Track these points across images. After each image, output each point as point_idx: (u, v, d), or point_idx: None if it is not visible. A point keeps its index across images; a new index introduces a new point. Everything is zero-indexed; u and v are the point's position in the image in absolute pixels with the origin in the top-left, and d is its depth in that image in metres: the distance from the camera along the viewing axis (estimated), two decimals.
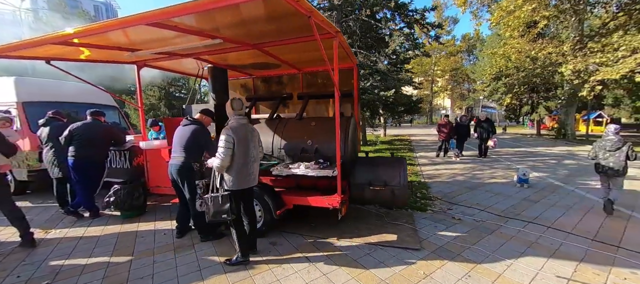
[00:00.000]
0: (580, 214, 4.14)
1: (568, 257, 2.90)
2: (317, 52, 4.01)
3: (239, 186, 2.65)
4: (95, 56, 3.71)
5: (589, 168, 7.75)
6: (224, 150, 2.50)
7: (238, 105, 2.72)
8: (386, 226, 3.71)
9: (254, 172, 2.77)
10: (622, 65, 11.98)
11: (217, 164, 2.52)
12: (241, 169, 2.62)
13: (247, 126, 2.72)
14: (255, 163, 2.77)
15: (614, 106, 23.45)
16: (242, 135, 2.62)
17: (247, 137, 2.67)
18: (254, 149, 2.74)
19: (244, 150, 2.63)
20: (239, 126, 2.64)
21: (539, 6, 13.95)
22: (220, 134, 2.55)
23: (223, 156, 2.50)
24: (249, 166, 2.68)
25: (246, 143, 2.65)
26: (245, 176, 2.67)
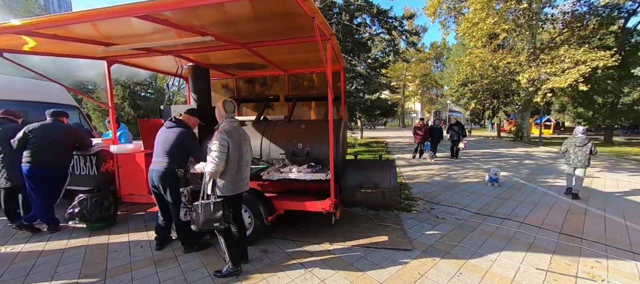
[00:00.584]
0: (546, 210, 4.55)
1: (542, 250, 3.16)
2: (305, 54, 3.98)
3: (233, 191, 2.53)
4: (59, 50, 3.30)
5: (545, 167, 8.59)
6: (218, 154, 2.35)
7: (230, 107, 2.58)
8: (376, 228, 3.76)
9: (247, 177, 2.67)
10: (568, 76, 13.51)
11: (211, 169, 2.37)
12: (235, 174, 2.50)
13: (240, 129, 2.61)
14: (247, 167, 2.67)
15: (559, 112, 26.37)
16: (237, 139, 2.50)
17: (241, 140, 2.55)
18: (247, 153, 2.64)
19: (239, 154, 2.51)
20: (233, 129, 2.51)
21: (500, 20, 15.25)
22: (214, 138, 2.40)
23: (218, 161, 2.35)
24: (242, 170, 2.58)
25: (240, 147, 2.53)
26: (239, 181, 2.56)
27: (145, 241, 3.42)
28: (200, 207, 2.42)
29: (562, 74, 13.96)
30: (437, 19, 18.55)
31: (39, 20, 2.03)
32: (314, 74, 5.07)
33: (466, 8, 17.72)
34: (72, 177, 3.94)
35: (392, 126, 45.73)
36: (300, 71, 5.02)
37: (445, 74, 33.53)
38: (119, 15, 1.84)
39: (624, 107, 20.86)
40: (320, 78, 5.09)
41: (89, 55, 3.56)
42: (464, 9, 18.04)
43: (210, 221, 2.42)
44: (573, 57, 13.81)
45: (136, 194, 3.78)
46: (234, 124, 2.55)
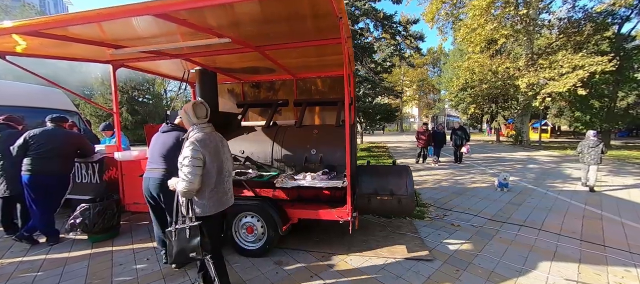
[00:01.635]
0: (561, 216, 4.46)
1: (567, 259, 3.05)
2: (316, 57, 3.89)
3: (217, 208, 2.13)
4: (65, 53, 3.16)
5: (551, 172, 8.55)
6: (191, 170, 1.93)
7: (202, 112, 2.15)
8: (392, 236, 3.63)
9: (230, 189, 2.28)
10: (567, 80, 13.63)
11: (183, 189, 1.95)
12: (216, 188, 2.09)
13: (215, 135, 2.19)
14: (230, 177, 2.29)
15: (557, 116, 26.62)
16: (213, 147, 2.08)
17: (218, 148, 2.14)
18: (227, 161, 2.25)
19: (218, 165, 2.10)
20: (206, 137, 2.08)
21: (498, 25, 15.43)
22: (184, 150, 2.00)
23: (191, 178, 1.93)
24: (224, 182, 2.17)
25: (219, 156, 2.12)
26: (223, 195, 2.16)
27: (151, 253, 3.24)
28: (174, 233, 2.00)
29: (561, 78, 14.11)
30: (435, 24, 18.78)
31: (49, 19, 1.90)
32: (321, 79, 4.98)
33: (464, 14, 17.98)
34: (74, 185, 3.77)
35: (390, 131, 45.78)
36: (308, 75, 4.93)
37: (443, 79, 33.80)
38: (138, 14, 1.72)
39: (620, 111, 21.12)
40: (326, 83, 5.00)
41: (95, 58, 3.43)
42: (462, 15, 18.31)
43: (186, 251, 1.99)
44: (571, 62, 13.97)
45: (141, 203, 3.61)
46: (207, 130, 2.15)
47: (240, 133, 3.80)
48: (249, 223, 3.12)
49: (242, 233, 3.17)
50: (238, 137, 3.75)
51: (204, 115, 2.17)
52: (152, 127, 3.67)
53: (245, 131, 3.83)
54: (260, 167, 3.58)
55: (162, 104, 26.10)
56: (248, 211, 3.12)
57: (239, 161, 3.58)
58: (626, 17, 18.22)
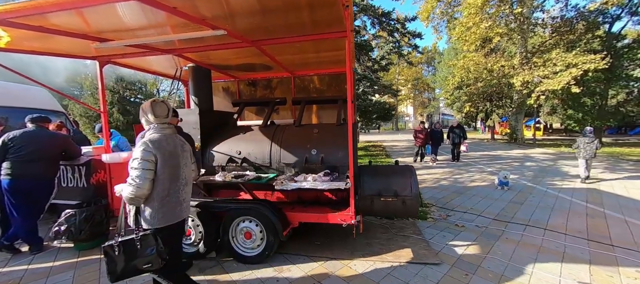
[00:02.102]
0: (564, 214, 4.39)
1: (577, 260, 2.96)
2: (315, 53, 3.74)
3: (168, 220, 1.88)
4: (45, 47, 2.94)
5: (548, 169, 8.56)
6: (140, 173, 1.74)
7: (162, 110, 1.95)
8: (395, 239, 3.50)
9: (186, 200, 2.05)
10: (560, 78, 13.74)
11: (129, 194, 1.73)
12: (167, 197, 1.86)
13: (174, 138, 1.99)
14: (187, 186, 2.06)
15: (549, 114, 26.97)
16: (169, 150, 1.88)
17: (175, 152, 1.93)
18: (186, 167, 2.03)
19: (172, 171, 1.89)
20: (163, 138, 1.89)
21: (493, 24, 15.49)
22: (135, 150, 1.83)
23: (139, 182, 1.73)
24: (180, 191, 1.95)
25: (175, 161, 1.92)
26: (176, 206, 1.93)
27: None
28: (117, 248, 1.74)
29: (555, 76, 14.23)
30: (430, 23, 18.78)
31: (20, 5, 1.71)
32: (319, 76, 4.83)
33: (459, 13, 18.02)
34: (59, 190, 3.54)
35: (385, 130, 45.84)
36: (306, 72, 4.77)
37: (437, 78, 33.96)
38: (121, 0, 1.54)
39: (611, 109, 21.49)
40: (324, 81, 4.86)
41: (80, 54, 3.21)
42: (457, 14, 18.35)
43: (136, 264, 1.76)
44: (565, 60, 14.11)
45: None
46: (167, 131, 1.95)
47: (237, 133, 3.63)
48: (246, 227, 2.96)
49: (239, 239, 3.00)
50: (234, 137, 3.57)
51: (165, 115, 1.96)
52: (142, 127, 3.46)
53: (242, 131, 3.65)
54: (258, 168, 3.41)
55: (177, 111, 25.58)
56: (246, 215, 2.95)
57: (235, 162, 3.40)
58: (617, 16, 18.52)
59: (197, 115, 3.42)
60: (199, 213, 3.01)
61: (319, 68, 4.54)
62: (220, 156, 3.45)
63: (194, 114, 3.43)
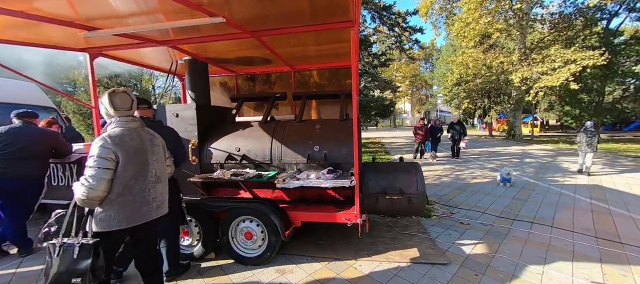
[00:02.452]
0: (570, 211, 4.33)
1: (588, 258, 2.89)
2: (317, 46, 3.59)
3: (129, 222, 1.70)
4: (29, 37, 2.76)
5: (548, 166, 8.54)
6: (95, 173, 1.57)
7: (124, 102, 1.76)
8: (400, 238, 3.40)
9: (157, 199, 1.85)
10: (559, 74, 13.73)
11: (81, 196, 1.57)
12: (129, 197, 1.69)
13: (141, 132, 1.81)
14: (159, 184, 1.87)
15: (546, 110, 27.08)
16: (134, 146, 1.72)
17: (143, 148, 1.77)
18: (158, 163, 1.87)
19: (139, 169, 1.73)
20: (126, 133, 1.71)
21: (492, 20, 15.40)
22: (92, 146, 1.65)
23: (92, 183, 1.55)
24: (147, 191, 1.78)
25: (142, 158, 1.75)
26: (140, 206, 1.75)
27: None
28: (56, 249, 1.58)
29: (553, 72, 14.22)
30: (429, 19, 18.65)
31: None
32: (320, 71, 4.68)
33: (458, 8, 17.90)
34: (49, 189, 3.38)
35: (383, 127, 45.83)
36: (306, 66, 4.62)
37: (435, 75, 33.90)
38: None
39: (607, 105, 21.61)
40: (324, 76, 4.71)
41: (69, 46, 3.03)
42: (456, 10, 18.23)
43: (67, 275, 1.56)
44: (564, 57, 14.08)
45: None
46: (131, 124, 1.77)
47: (236, 129, 3.48)
48: (247, 228, 2.83)
49: (239, 239, 2.87)
50: (233, 133, 3.43)
51: (127, 106, 1.78)
52: None
53: (241, 127, 3.51)
54: (258, 166, 3.27)
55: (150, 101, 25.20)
56: (246, 215, 2.82)
57: (234, 159, 3.26)
58: (615, 13, 18.54)
59: (194, 110, 3.26)
60: (196, 212, 2.88)
61: (321, 62, 4.39)
62: (218, 153, 3.31)
63: (190, 109, 3.27)
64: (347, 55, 4.07)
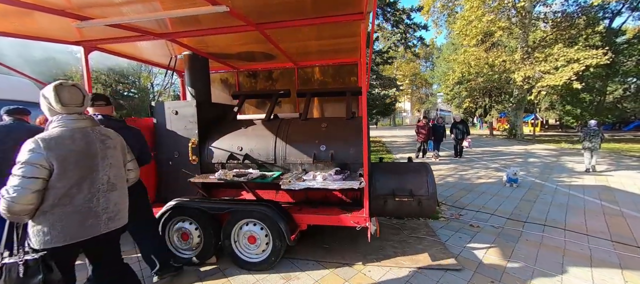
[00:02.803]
0: (581, 213, 4.21)
1: (607, 264, 2.76)
2: (322, 40, 3.44)
3: (72, 237, 1.46)
4: (20, 28, 2.60)
5: (553, 165, 8.43)
6: (18, 182, 1.34)
7: (73, 97, 1.53)
8: (409, 241, 3.27)
9: (110, 209, 1.59)
10: (562, 73, 13.61)
11: (2, 209, 1.35)
12: (69, 207, 1.45)
13: (89, 132, 1.55)
14: (114, 193, 1.63)
15: (547, 110, 27.01)
16: (77, 150, 1.48)
17: (90, 151, 1.53)
18: (113, 168, 1.63)
19: (84, 174, 1.49)
20: (67, 134, 1.47)
21: (495, 18, 15.25)
22: (22, 149, 1.41)
23: (13, 195, 1.32)
24: (95, 200, 1.53)
25: (88, 162, 1.51)
26: (86, 218, 1.50)
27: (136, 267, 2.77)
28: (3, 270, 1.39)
29: (556, 71, 14.10)
30: (430, 17, 18.47)
31: None
32: (324, 68, 4.53)
33: (460, 7, 17.74)
34: None
35: (383, 125, 45.71)
36: (311, 62, 4.47)
37: (435, 73, 33.76)
38: None
39: (608, 105, 21.56)
40: (327, 72, 4.56)
41: (63, 38, 2.87)
42: (458, 8, 18.07)
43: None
44: (566, 56, 13.96)
45: None
46: (78, 123, 1.53)
47: (238, 127, 3.33)
48: (250, 231, 2.69)
49: (242, 243, 2.73)
50: (235, 131, 3.28)
51: (78, 102, 1.54)
52: (135, 121, 3.16)
53: (243, 125, 3.36)
54: (262, 165, 3.13)
55: (148, 99, 24.97)
56: (250, 218, 2.68)
57: (237, 159, 3.12)
58: (617, 12, 18.45)
59: (194, 107, 3.11)
60: (197, 214, 2.73)
61: (326, 58, 4.24)
62: (219, 152, 3.16)
63: (191, 106, 3.12)
64: (353, 51, 3.94)
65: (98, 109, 2.27)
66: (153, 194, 3.27)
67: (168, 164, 3.23)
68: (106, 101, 2.34)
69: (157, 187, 3.31)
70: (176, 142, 3.18)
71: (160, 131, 3.23)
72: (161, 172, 3.28)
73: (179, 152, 3.18)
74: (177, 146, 3.18)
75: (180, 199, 2.86)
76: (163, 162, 3.25)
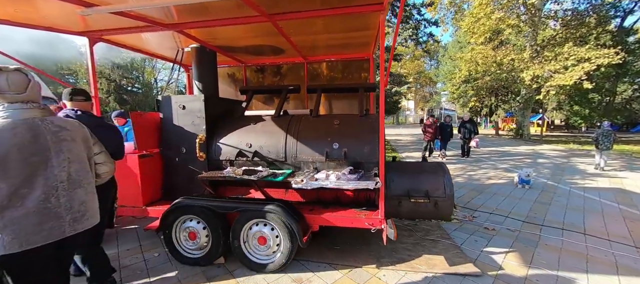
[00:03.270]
0: (599, 217, 4.06)
1: (634, 272, 2.63)
2: (336, 34, 3.31)
3: (29, 243, 1.30)
4: (20, 15, 2.49)
5: (564, 167, 8.24)
6: None
7: (15, 84, 1.36)
8: (423, 244, 3.15)
9: (74, 209, 1.44)
10: (573, 73, 13.33)
11: None
12: (20, 208, 1.29)
13: (36, 124, 1.38)
14: (76, 191, 1.46)
15: (554, 109, 26.63)
16: (19, 143, 1.30)
17: (40, 144, 1.36)
18: (71, 164, 1.45)
19: (32, 172, 1.33)
20: (9, 127, 1.31)
21: (505, 15, 14.95)
22: None
23: None
24: (53, 199, 1.37)
25: (38, 157, 1.35)
26: (43, 221, 1.34)
27: (142, 266, 2.68)
28: None
29: (566, 71, 13.82)
30: (437, 14, 18.18)
31: None
32: (332, 63, 4.39)
33: (467, 4, 17.43)
34: None
35: (386, 124, 45.44)
36: (321, 57, 4.34)
37: (440, 72, 33.39)
38: None
39: (618, 106, 21.19)
40: (337, 68, 4.42)
41: (65, 27, 2.76)
42: (465, 5, 17.75)
43: None
44: (577, 55, 13.66)
45: (128, 205, 3.02)
46: (24, 114, 1.36)
47: (246, 123, 3.22)
48: (260, 232, 2.58)
49: (252, 244, 2.62)
50: (244, 127, 3.16)
51: (20, 89, 1.36)
52: (140, 115, 3.05)
53: (252, 121, 3.24)
54: (272, 163, 3.02)
55: (152, 94, 24.98)
56: (260, 218, 2.57)
57: (245, 156, 3.00)
58: (629, 10, 18.03)
59: (202, 101, 3.00)
60: (205, 213, 2.63)
61: (337, 53, 4.10)
62: (228, 149, 3.05)
63: (198, 100, 3.01)
64: (365, 46, 3.80)
65: (76, 105, 2.15)
66: (159, 191, 3.18)
67: (175, 161, 3.13)
68: (85, 96, 2.22)
69: (163, 183, 3.21)
70: (183, 138, 3.07)
71: (166, 126, 3.12)
72: (167, 168, 3.18)
73: (186, 148, 3.07)
74: (184, 142, 3.08)
75: (187, 197, 2.76)
76: (169, 158, 3.15)
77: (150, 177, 3.03)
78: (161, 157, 3.17)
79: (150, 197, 3.05)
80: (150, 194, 3.05)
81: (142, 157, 2.92)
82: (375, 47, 3.81)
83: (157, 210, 2.90)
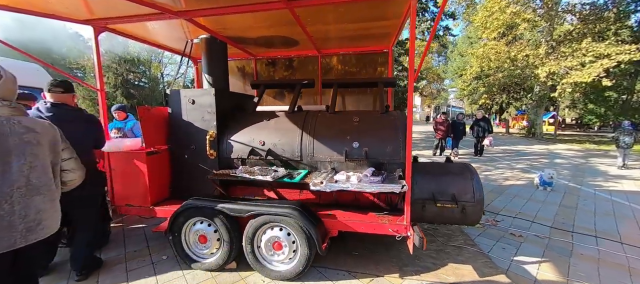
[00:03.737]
0: (632, 223, 3.79)
1: None
2: (355, 24, 3.08)
3: None
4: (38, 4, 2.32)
5: (583, 167, 7.90)
6: None
7: None
8: (447, 251, 2.94)
9: (29, 217, 1.32)
10: (591, 70, 12.80)
11: None
12: None
13: (0, 123, 1.29)
14: (34, 198, 1.35)
15: (568, 107, 25.86)
16: None
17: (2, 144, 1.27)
18: (33, 170, 1.35)
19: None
20: None
21: (520, 9, 14.40)
22: None
23: None
24: (7, 205, 1.27)
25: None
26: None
27: (149, 269, 2.53)
28: None
29: (583, 68, 13.29)
30: (448, 8, 17.63)
31: None
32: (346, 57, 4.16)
33: None
34: None
35: None
36: (335, 50, 4.11)
37: (449, 68, 32.71)
38: None
39: (635, 104, 20.42)
40: (350, 62, 4.19)
41: (69, 15, 2.59)
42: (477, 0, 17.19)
43: None
44: (596, 51, 13.10)
45: (135, 204, 2.87)
46: None
47: (259, 119, 3.02)
48: (275, 236, 2.40)
49: (266, 249, 2.44)
50: (256, 124, 2.97)
51: None
52: (148, 109, 2.88)
53: (265, 117, 3.04)
54: (286, 163, 2.82)
55: (159, 89, 24.96)
56: (275, 222, 2.38)
57: (258, 154, 2.81)
58: None
59: (212, 96, 2.81)
60: (216, 216, 2.46)
61: (354, 45, 3.86)
62: (240, 147, 2.87)
63: (209, 94, 2.82)
64: (384, 38, 3.56)
65: (54, 96, 2.05)
66: (167, 190, 3.02)
67: (183, 158, 2.96)
68: (64, 88, 2.12)
69: (171, 182, 3.05)
70: (192, 134, 2.89)
71: (175, 121, 2.95)
72: (176, 166, 3.01)
73: (196, 145, 2.89)
74: (193, 139, 2.90)
75: (198, 197, 2.58)
76: (178, 155, 2.98)
77: (158, 175, 2.87)
78: (169, 154, 3.01)
79: (158, 197, 2.90)
80: (158, 193, 2.89)
81: (149, 155, 2.75)
82: (396, 39, 3.56)
83: (166, 210, 2.75)
